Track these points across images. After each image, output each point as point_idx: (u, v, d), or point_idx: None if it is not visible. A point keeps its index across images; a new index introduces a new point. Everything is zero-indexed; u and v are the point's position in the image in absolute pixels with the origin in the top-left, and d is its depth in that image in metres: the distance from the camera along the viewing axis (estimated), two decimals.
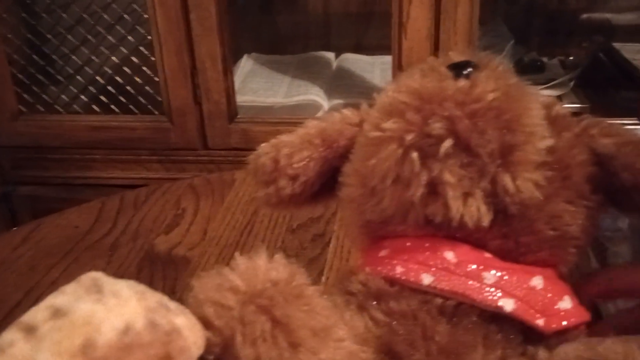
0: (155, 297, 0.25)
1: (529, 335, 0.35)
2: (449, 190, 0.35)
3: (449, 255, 0.36)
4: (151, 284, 0.32)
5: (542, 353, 0.33)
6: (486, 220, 0.35)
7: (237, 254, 0.33)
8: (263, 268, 0.32)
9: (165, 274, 0.63)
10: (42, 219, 0.75)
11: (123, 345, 0.22)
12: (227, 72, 1.02)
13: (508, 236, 0.37)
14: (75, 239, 0.71)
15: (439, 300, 0.35)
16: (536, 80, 1.11)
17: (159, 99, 1.12)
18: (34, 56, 1.21)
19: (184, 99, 1.05)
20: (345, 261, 0.63)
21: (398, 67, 0.88)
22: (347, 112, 0.45)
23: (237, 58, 1.34)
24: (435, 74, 0.38)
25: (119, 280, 0.24)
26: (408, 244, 0.38)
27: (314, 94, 1.21)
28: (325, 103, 1.20)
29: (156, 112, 1.13)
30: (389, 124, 0.36)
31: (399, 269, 0.37)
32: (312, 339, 0.30)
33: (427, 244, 0.37)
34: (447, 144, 0.35)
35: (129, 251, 0.68)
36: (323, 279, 0.60)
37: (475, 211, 0.35)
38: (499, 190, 0.35)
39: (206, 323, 0.29)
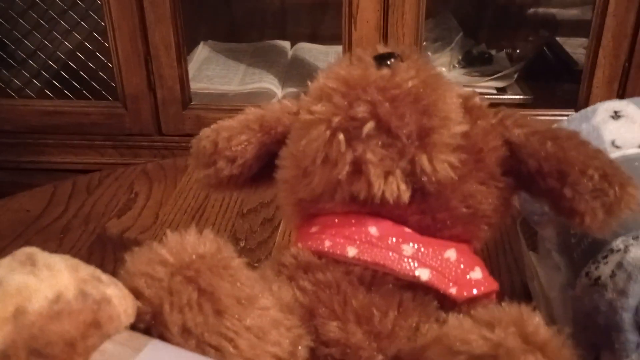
0: (87, 270, 0.26)
1: (444, 303, 0.38)
2: (371, 169, 0.38)
3: (372, 229, 0.39)
4: (102, 266, 0.33)
5: (452, 318, 0.36)
6: (405, 197, 0.38)
7: (168, 231, 0.34)
8: (191, 242, 0.34)
9: (116, 256, 0.64)
10: None
11: (53, 313, 0.23)
12: (181, 59, 1.03)
13: (425, 212, 0.40)
14: (26, 222, 0.71)
15: (358, 270, 0.38)
16: (483, 71, 1.15)
17: (113, 84, 1.12)
18: None
19: (138, 85, 1.06)
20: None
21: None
22: (286, 101, 0.47)
23: (193, 45, 1.34)
24: (361, 63, 0.41)
25: (53, 255, 0.26)
26: (336, 220, 0.41)
27: (268, 82, 1.22)
28: (278, 91, 1.21)
29: (110, 98, 1.13)
30: (318, 107, 0.39)
31: (327, 243, 0.39)
32: (236, 307, 0.32)
33: (353, 220, 0.40)
34: (370, 125, 0.38)
35: (80, 234, 0.68)
36: None
37: (395, 188, 0.38)
38: (417, 169, 0.38)
39: (137, 293, 0.31)
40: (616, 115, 0.52)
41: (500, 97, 1.07)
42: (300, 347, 0.35)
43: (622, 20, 0.82)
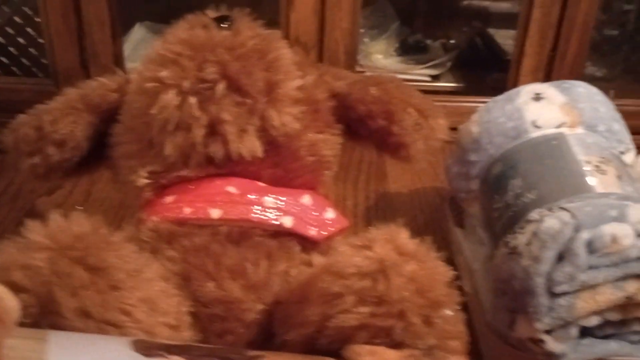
0: None
1: (305, 245, 0.41)
2: (228, 128, 0.39)
3: (231, 189, 0.41)
4: None
5: (316, 258, 0.38)
6: (259, 152, 0.41)
7: (25, 220, 0.33)
8: (64, 225, 0.33)
9: None
10: None
11: None
12: (116, 37, 1.01)
13: (278, 165, 0.43)
14: None
15: (225, 229, 0.39)
16: (418, 60, 1.18)
17: (44, 61, 1.08)
18: None
19: (71, 63, 1.03)
20: None
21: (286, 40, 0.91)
22: (103, 79, 0.47)
23: (129, 26, 1.32)
24: (201, 26, 0.42)
25: None
26: (191, 186, 0.41)
27: None
28: None
29: (41, 75, 1.10)
30: (165, 73, 0.39)
31: (187, 210, 0.40)
32: (128, 280, 0.32)
33: (209, 183, 0.41)
34: (222, 86, 0.39)
35: (8, 211, 0.67)
36: None
37: (251, 145, 0.40)
38: (267, 124, 0.40)
39: (16, 288, 0.29)
40: (537, 97, 0.55)
41: (434, 84, 1.10)
42: (184, 314, 0.36)
43: (548, 11, 0.86)
